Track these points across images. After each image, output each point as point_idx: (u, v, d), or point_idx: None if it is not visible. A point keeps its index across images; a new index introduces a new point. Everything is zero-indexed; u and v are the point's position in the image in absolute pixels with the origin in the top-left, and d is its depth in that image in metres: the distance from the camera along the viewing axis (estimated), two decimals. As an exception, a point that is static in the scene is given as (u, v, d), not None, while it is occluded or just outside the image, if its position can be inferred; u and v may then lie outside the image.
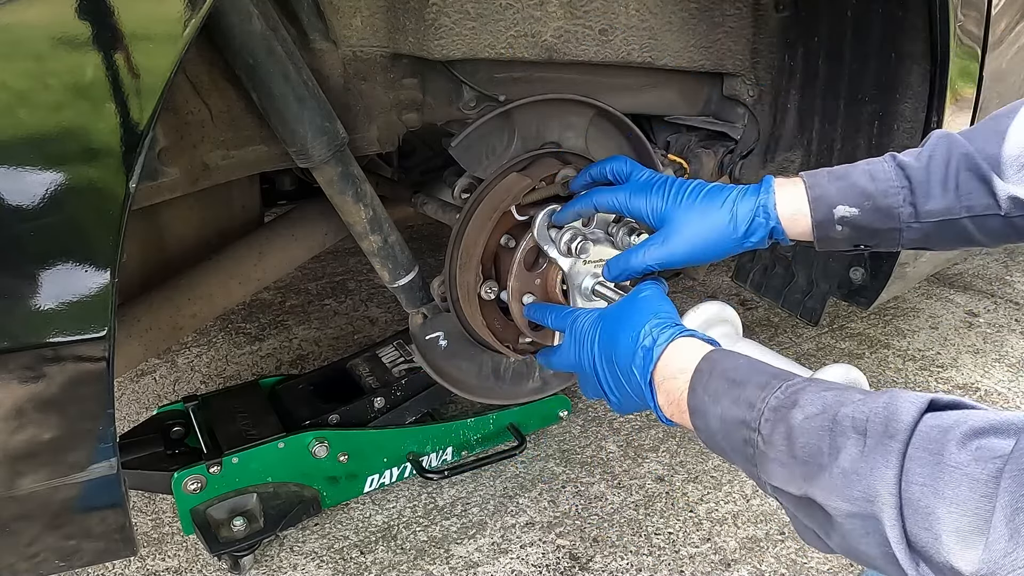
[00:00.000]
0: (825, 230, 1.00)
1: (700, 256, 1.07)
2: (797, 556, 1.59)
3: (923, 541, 0.61)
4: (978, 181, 0.93)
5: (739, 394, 0.79)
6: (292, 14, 1.14)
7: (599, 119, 1.44)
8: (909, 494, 0.62)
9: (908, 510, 0.62)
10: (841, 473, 0.67)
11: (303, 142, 1.13)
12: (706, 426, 0.83)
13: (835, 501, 0.67)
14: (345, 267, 2.99)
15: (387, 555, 1.60)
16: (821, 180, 1.01)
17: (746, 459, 0.78)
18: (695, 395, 0.85)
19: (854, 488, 0.66)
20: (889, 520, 0.63)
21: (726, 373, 0.83)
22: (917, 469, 0.62)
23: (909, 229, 0.98)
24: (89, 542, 0.94)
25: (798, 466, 0.71)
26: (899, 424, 0.65)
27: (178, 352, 2.39)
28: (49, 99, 0.73)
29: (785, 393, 0.76)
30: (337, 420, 1.67)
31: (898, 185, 0.97)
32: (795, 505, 0.74)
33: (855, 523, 0.66)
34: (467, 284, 1.35)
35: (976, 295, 2.70)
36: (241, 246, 1.54)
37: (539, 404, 1.90)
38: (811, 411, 0.72)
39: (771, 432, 0.74)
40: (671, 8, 1.40)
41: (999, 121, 0.94)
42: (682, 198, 1.07)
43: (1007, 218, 0.93)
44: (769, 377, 0.79)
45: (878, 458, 0.65)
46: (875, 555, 0.66)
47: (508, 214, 1.32)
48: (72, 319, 0.79)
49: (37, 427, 0.83)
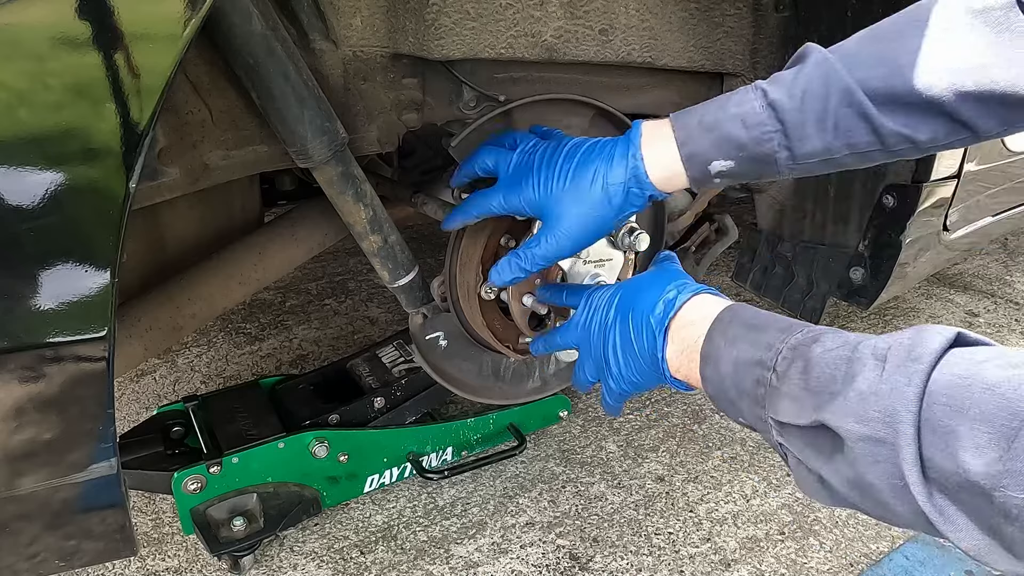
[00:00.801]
0: (702, 183, 1.00)
1: (586, 240, 1.07)
2: (797, 556, 1.59)
3: (940, 463, 0.59)
4: (859, 119, 0.89)
5: (758, 337, 0.79)
6: (292, 14, 1.13)
7: (599, 119, 1.44)
8: (930, 414, 0.60)
9: (926, 431, 0.60)
10: (857, 395, 0.65)
11: (303, 142, 1.13)
12: (716, 372, 0.82)
13: (848, 423, 0.65)
14: (345, 267, 2.99)
15: (387, 555, 1.60)
16: (692, 132, 0.96)
17: (754, 400, 0.77)
18: (711, 341, 0.84)
19: (871, 408, 0.63)
20: (905, 440, 0.60)
21: (747, 320, 0.83)
22: (942, 391, 0.60)
23: (788, 171, 0.95)
24: (89, 542, 0.94)
25: (811, 396, 0.69)
26: (925, 349, 0.63)
27: (178, 352, 2.39)
28: (49, 99, 0.73)
29: (805, 334, 0.75)
30: (337, 420, 1.67)
31: (771, 129, 0.92)
32: (802, 440, 0.72)
33: (866, 448, 0.64)
34: (467, 284, 1.36)
35: (976, 295, 2.70)
36: (241, 246, 1.54)
37: (539, 404, 1.90)
38: (831, 345, 0.71)
39: (787, 368, 0.73)
40: (671, 8, 1.40)
41: (885, 47, 0.88)
42: (552, 184, 1.06)
43: (890, 151, 0.90)
44: (791, 323, 0.79)
45: (899, 378, 0.63)
46: (882, 487, 0.64)
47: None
48: (72, 319, 0.79)
49: (37, 427, 0.83)
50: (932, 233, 1.56)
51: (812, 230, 1.66)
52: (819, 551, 1.60)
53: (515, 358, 1.49)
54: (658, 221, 1.60)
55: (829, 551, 1.60)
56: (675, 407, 2.10)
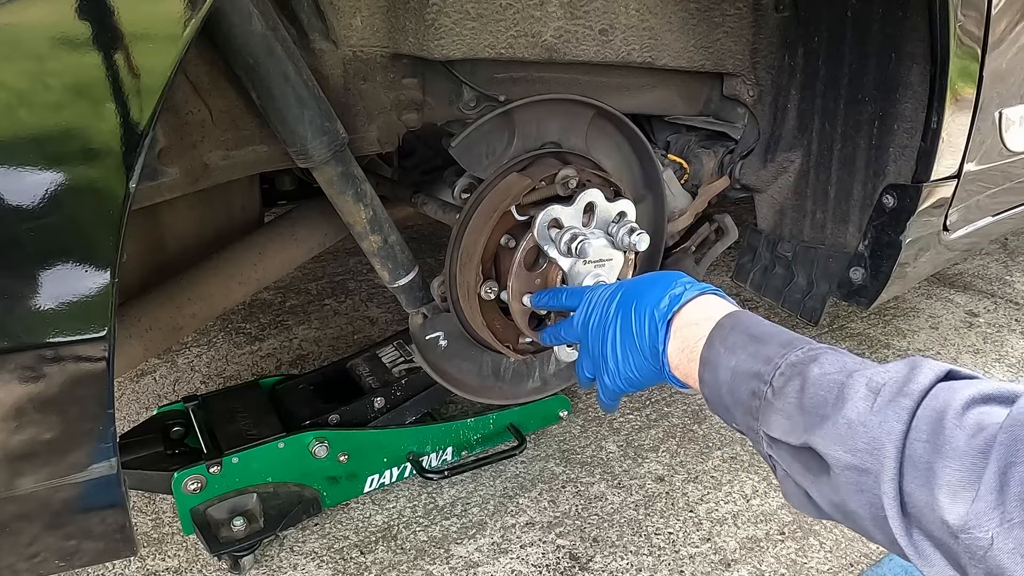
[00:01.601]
0: None
1: None
2: (797, 556, 1.59)
3: (918, 500, 0.61)
4: None
5: (758, 349, 0.79)
6: (292, 14, 1.14)
7: (599, 119, 1.44)
8: (912, 451, 0.62)
9: (908, 466, 0.62)
10: (847, 424, 0.66)
11: (303, 142, 1.13)
12: (714, 377, 0.83)
13: (836, 451, 0.67)
14: (345, 267, 2.99)
15: (387, 555, 1.60)
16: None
17: (747, 411, 0.77)
18: (711, 347, 0.85)
19: (859, 439, 0.65)
20: (888, 475, 0.62)
21: (749, 329, 0.83)
22: (923, 427, 0.62)
23: None
24: (89, 542, 0.94)
25: (803, 417, 0.71)
26: (915, 385, 0.65)
27: (178, 352, 2.39)
28: (49, 99, 0.73)
29: (806, 352, 0.76)
30: (337, 420, 1.67)
31: None
32: (791, 457, 0.73)
33: (851, 477, 0.66)
34: (467, 284, 1.35)
35: (976, 295, 2.70)
36: (241, 246, 1.54)
37: (539, 404, 1.90)
38: (829, 369, 0.72)
39: (784, 385, 0.74)
40: (671, 8, 1.40)
41: None
42: None
43: None
44: (792, 338, 0.80)
45: (889, 413, 0.64)
46: (863, 515, 0.66)
47: (508, 214, 1.32)
48: (72, 319, 0.79)
49: (37, 427, 0.83)
50: (932, 233, 1.56)
51: (812, 230, 1.66)
52: (819, 551, 1.60)
53: (515, 358, 1.49)
54: (658, 221, 1.60)
55: (829, 551, 1.60)
56: (675, 407, 2.10)
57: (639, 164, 1.54)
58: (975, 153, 1.51)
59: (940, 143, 1.38)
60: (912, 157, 1.42)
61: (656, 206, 1.58)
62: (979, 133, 1.47)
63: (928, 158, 1.41)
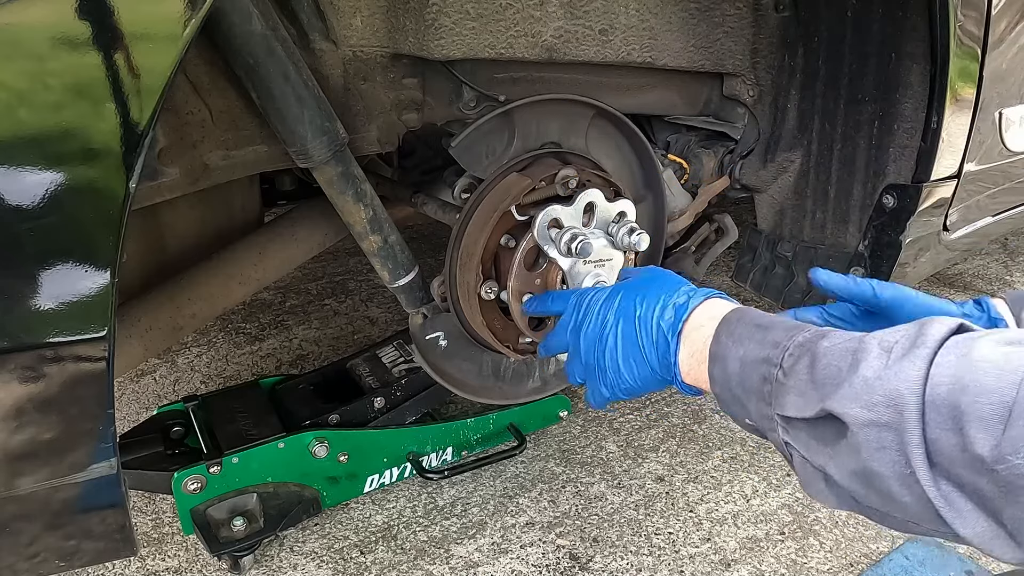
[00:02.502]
0: None
1: None
2: (797, 556, 1.59)
3: (944, 445, 0.59)
4: None
5: (765, 336, 0.79)
6: (292, 14, 1.14)
7: (599, 119, 1.44)
8: (933, 395, 0.60)
9: (931, 411, 0.60)
10: (863, 381, 0.65)
11: (303, 142, 1.13)
12: (723, 371, 0.82)
13: (854, 409, 0.65)
14: (345, 267, 2.99)
15: (387, 555, 1.60)
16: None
17: (760, 398, 0.77)
18: (718, 342, 0.84)
19: (875, 393, 0.64)
20: (911, 422, 0.61)
21: (754, 320, 0.83)
22: (944, 372, 0.61)
23: None
24: (89, 542, 0.94)
25: (816, 388, 0.70)
26: (928, 338, 0.64)
27: (178, 352, 2.39)
28: (49, 99, 0.73)
29: (814, 332, 0.75)
30: (337, 420, 1.67)
31: None
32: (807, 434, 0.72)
33: (871, 434, 0.64)
34: (467, 284, 1.35)
35: (976, 295, 2.70)
36: (241, 246, 1.54)
37: (539, 404, 1.90)
38: (838, 340, 0.71)
39: (794, 364, 0.73)
40: (671, 8, 1.40)
41: None
42: None
43: None
44: (798, 323, 0.79)
45: (905, 363, 0.63)
46: (887, 475, 0.63)
47: (508, 214, 1.32)
48: (72, 319, 0.79)
49: (37, 427, 0.83)
50: (932, 233, 1.56)
51: (812, 230, 1.66)
52: (819, 551, 1.60)
53: (515, 358, 1.49)
54: (658, 221, 1.60)
55: (829, 551, 1.60)
56: (675, 407, 2.10)
57: (639, 164, 1.54)
58: (975, 153, 1.51)
59: (940, 143, 1.38)
60: (912, 157, 1.42)
61: (656, 206, 1.58)
62: (979, 133, 1.47)
63: (928, 158, 1.41)
